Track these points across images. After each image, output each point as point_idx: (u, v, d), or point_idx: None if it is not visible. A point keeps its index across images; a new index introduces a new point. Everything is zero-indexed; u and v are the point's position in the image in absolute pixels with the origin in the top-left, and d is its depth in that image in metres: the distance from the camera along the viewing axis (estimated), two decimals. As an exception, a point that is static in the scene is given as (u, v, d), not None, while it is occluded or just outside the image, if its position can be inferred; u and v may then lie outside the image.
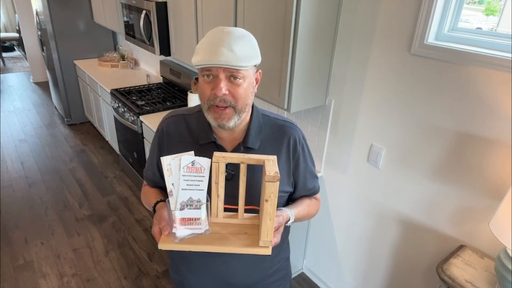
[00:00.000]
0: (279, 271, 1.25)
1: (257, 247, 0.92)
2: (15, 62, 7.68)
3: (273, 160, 0.92)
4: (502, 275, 1.20)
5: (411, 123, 1.59)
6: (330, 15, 1.69)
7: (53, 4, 3.97)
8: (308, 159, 1.16)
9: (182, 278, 1.25)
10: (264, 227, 0.90)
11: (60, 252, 2.60)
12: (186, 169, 0.88)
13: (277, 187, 0.86)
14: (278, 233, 0.97)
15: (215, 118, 0.97)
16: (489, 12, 1.44)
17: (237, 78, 0.93)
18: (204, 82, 0.96)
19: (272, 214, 0.88)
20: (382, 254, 1.91)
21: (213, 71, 0.92)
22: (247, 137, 1.05)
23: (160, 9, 2.58)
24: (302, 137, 1.13)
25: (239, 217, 1.00)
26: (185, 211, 0.89)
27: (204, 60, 0.91)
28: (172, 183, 0.89)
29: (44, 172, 3.59)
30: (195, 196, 0.90)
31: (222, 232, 0.96)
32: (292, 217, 1.06)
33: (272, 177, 0.85)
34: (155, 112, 2.90)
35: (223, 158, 0.92)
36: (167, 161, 0.88)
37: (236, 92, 0.94)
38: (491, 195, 1.39)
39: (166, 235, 0.92)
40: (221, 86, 0.92)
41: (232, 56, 0.90)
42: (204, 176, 0.90)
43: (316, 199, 1.25)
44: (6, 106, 5.24)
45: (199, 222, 0.91)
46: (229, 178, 1.03)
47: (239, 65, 0.90)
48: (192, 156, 0.89)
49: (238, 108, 0.96)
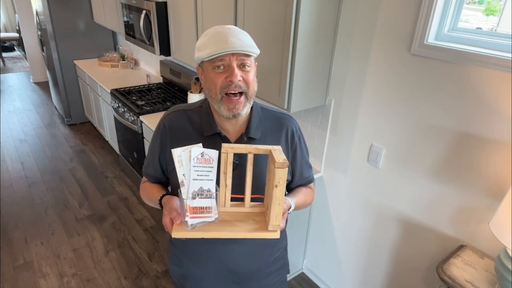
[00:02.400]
0: (278, 260, 1.30)
1: (266, 231, 0.97)
2: (15, 62, 7.68)
3: (278, 149, 0.97)
4: (502, 275, 1.20)
5: (411, 123, 1.59)
6: (330, 15, 1.69)
7: (53, 4, 3.97)
8: (304, 149, 1.22)
9: (184, 270, 1.27)
10: (273, 211, 0.94)
11: (60, 252, 2.60)
12: (196, 160, 0.92)
13: (285, 173, 0.91)
14: (284, 218, 1.01)
15: (229, 109, 1.01)
16: (489, 12, 1.44)
17: (246, 65, 0.99)
18: (215, 73, 0.99)
19: (281, 199, 0.93)
20: (382, 254, 1.91)
21: (226, 61, 0.97)
22: (249, 128, 1.10)
23: (160, 9, 2.58)
24: (298, 128, 1.20)
25: (246, 206, 1.04)
26: (196, 200, 0.93)
27: (216, 50, 0.95)
28: (183, 173, 0.92)
29: (44, 172, 3.59)
30: (205, 186, 0.94)
31: (231, 220, 1.00)
32: (293, 205, 1.10)
33: (281, 164, 0.90)
34: (155, 112, 2.90)
35: (232, 149, 0.97)
36: (178, 153, 0.92)
37: (248, 78, 1.00)
38: (491, 195, 1.39)
39: (178, 224, 0.95)
40: (236, 72, 0.97)
41: (241, 43, 0.96)
42: (213, 167, 0.95)
43: (310, 188, 1.30)
44: (6, 106, 5.24)
45: (209, 211, 0.95)
46: (234, 167, 1.05)
47: (250, 51, 0.97)
48: (201, 148, 0.93)
49: (249, 94, 1.02)
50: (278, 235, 0.97)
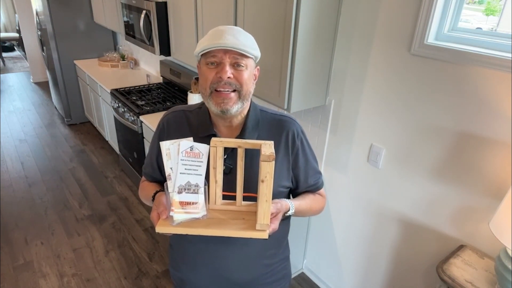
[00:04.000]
0: (278, 271, 1.25)
1: (254, 231, 0.91)
2: (15, 62, 7.68)
3: (269, 144, 0.93)
4: (502, 275, 1.20)
5: (411, 123, 1.59)
6: (330, 15, 1.69)
7: (53, 4, 3.97)
8: (309, 154, 1.15)
9: (182, 275, 1.25)
10: (261, 209, 0.90)
11: (60, 252, 2.60)
12: (185, 153, 0.90)
13: (272, 167, 0.86)
14: (276, 219, 0.96)
15: (217, 104, 0.98)
16: (489, 12, 1.44)
17: (240, 65, 0.96)
18: (207, 68, 0.98)
19: (268, 195, 0.88)
20: (382, 254, 1.91)
21: (218, 57, 0.95)
22: (244, 130, 1.06)
23: (160, 9, 2.58)
24: (300, 131, 1.13)
25: (237, 204, 1.00)
26: (183, 194, 0.90)
27: (209, 45, 0.94)
28: (171, 167, 0.90)
29: (44, 172, 3.59)
30: (193, 181, 0.91)
31: (220, 218, 0.96)
32: (292, 207, 1.04)
33: (267, 157, 0.86)
34: (155, 112, 2.90)
35: (221, 143, 0.94)
36: (166, 146, 0.90)
37: (240, 76, 0.97)
38: (491, 195, 1.39)
39: (163, 219, 0.93)
40: (226, 69, 0.95)
41: (237, 42, 0.94)
42: (202, 162, 0.92)
43: (320, 195, 1.23)
44: (6, 106, 5.24)
45: (196, 207, 0.92)
46: (227, 172, 1.04)
47: (244, 50, 0.94)
48: (191, 141, 0.91)
49: (243, 93, 0.99)
50: (266, 235, 0.91)
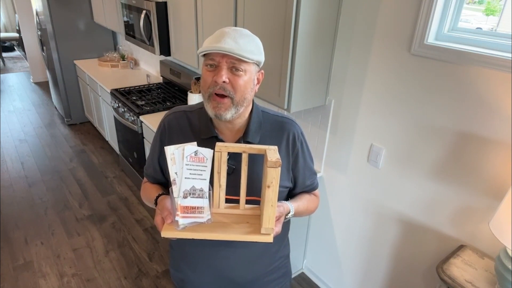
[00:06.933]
0: (279, 268, 1.26)
1: (259, 235, 0.93)
2: (15, 62, 7.68)
3: (274, 149, 0.94)
4: (502, 275, 1.20)
5: (411, 123, 1.59)
6: (330, 15, 1.69)
7: (53, 4, 3.97)
8: (307, 155, 1.18)
9: (183, 275, 1.25)
10: (266, 214, 0.91)
11: (60, 252, 2.60)
12: (189, 158, 0.91)
13: (278, 173, 0.88)
14: (279, 223, 0.98)
15: (213, 108, 0.99)
16: (489, 12, 1.44)
17: (238, 70, 0.96)
18: (206, 71, 0.98)
19: (273, 200, 0.90)
20: (382, 254, 1.91)
21: (216, 60, 0.95)
22: (247, 132, 1.07)
23: (160, 9, 2.58)
24: (301, 133, 1.15)
25: (241, 208, 1.01)
26: (188, 199, 0.91)
27: (207, 47, 0.94)
28: (176, 172, 0.91)
29: (44, 172, 3.59)
30: (197, 185, 0.92)
31: (224, 221, 0.97)
32: (292, 210, 1.07)
33: (274, 163, 0.86)
34: (155, 112, 2.90)
35: (225, 148, 0.94)
36: (171, 151, 0.90)
37: (236, 82, 0.96)
38: (491, 195, 1.39)
39: (168, 224, 0.93)
40: (222, 73, 0.95)
41: (236, 46, 0.93)
42: (207, 166, 0.93)
43: (315, 195, 1.26)
44: (6, 106, 5.24)
45: (201, 211, 0.93)
46: (230, 172, 1.04)
47: (241, 55, 0.93)
48: (195, 146, 0.92)
49: (236, 100, 0.98)
50: (271, 239, 0.92)
